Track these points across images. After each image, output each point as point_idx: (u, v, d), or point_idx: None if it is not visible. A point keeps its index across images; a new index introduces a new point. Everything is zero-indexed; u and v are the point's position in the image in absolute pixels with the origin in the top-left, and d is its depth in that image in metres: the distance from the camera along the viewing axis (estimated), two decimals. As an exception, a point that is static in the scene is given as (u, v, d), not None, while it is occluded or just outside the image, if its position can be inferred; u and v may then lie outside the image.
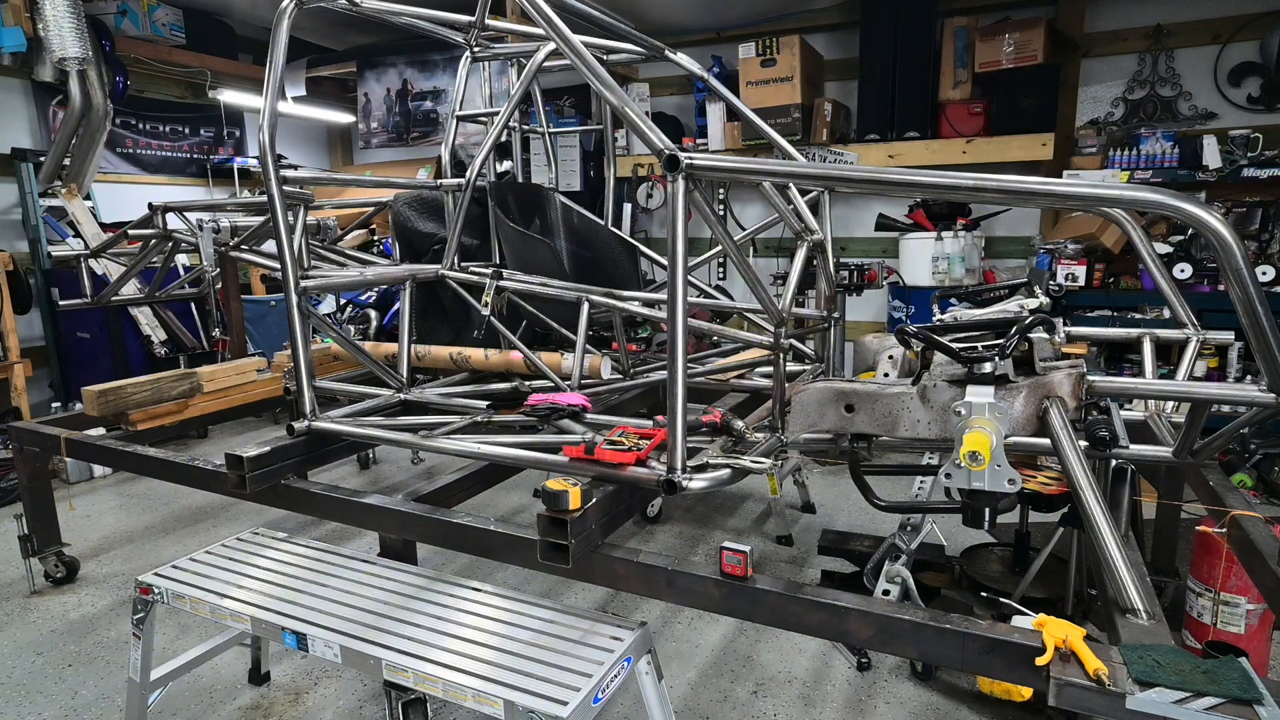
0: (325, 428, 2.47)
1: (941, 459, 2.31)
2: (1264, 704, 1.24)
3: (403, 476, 4.79)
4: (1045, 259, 4.47)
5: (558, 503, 1.82)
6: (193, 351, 5.53)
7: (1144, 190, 1.40)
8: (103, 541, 3.79)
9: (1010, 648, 1.46)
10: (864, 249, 5.62)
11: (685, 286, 1.76)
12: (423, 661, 1.70)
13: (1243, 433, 1.76)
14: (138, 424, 3.27)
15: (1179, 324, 2.53)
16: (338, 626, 1.86)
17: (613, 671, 1.65)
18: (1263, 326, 1.37)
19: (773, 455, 2.08)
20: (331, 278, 2.71)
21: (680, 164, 1.71)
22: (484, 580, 2.08)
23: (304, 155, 7.57)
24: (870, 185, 1.70)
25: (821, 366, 3.09)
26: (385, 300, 5.69)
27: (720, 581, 1.76)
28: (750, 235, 3.43)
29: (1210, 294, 4.05)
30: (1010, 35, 4.65)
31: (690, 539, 3.72)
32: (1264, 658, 2.44)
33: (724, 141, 5.53)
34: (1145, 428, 2.37)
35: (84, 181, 5.30)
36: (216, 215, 3.79)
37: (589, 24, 2.79)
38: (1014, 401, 1.77)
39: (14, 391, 4.74)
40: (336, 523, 2.84)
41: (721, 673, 2.62)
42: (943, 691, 2.48)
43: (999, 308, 2.45)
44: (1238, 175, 4.29)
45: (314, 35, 6.65)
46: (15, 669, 2.72)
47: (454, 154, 3.11)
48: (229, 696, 2.54)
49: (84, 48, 4.74)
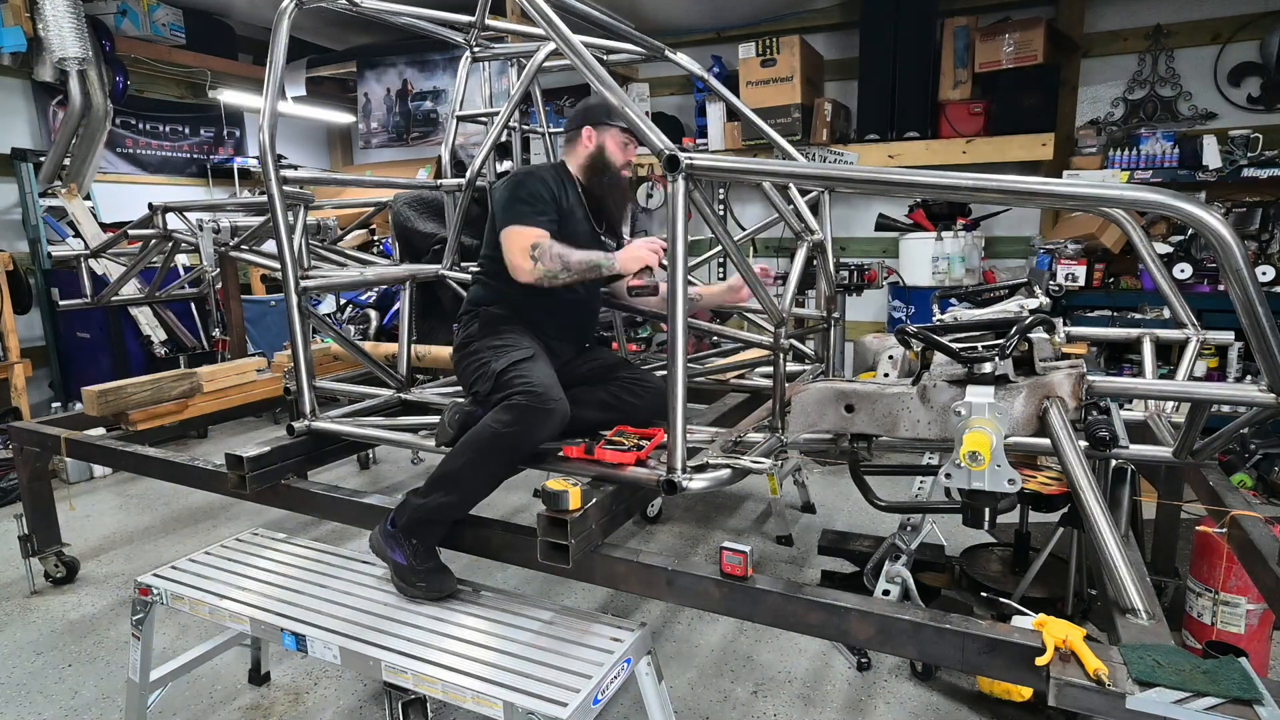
0: (325, 428, 2.47)
1: (941, 459, 2.31)
2: (1264, 704, 1.24)
3: (403, 476, 4.79)
4: (1045, 259, 4.47)
5: (558, 503, 1.82)
6: (193, 351, 5.53)
7: (1144, 190, 1.40)
8: (103, 541, 3.79)
9: (1010, 648, 1.46)
10: (864, 249, 5.62)
11: (685, 286, 1.77)
12: (422, 663, 1.70)
13: (1243, 433, 1.76)
14: (138, 424, 3.27)
15: (1179, 324, 2.53)
16: (337, 628, 1.86)
17: (612, 673, 1.65)
18: (1263, 326, 1.37)
19: (773, 455, 2.08)
20: (331, 278, 2.71)
21: (680, 164, 1.71)
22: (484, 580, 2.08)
23: (304, 155, 7.57)
24: (870, 185, 1.70)
25: (821, 366, 3.09)
26: (385, 300, 5.70)
27: (720, 581, 1.76)
28: (750, 235, 3.43)
29: (1210, 294, 4.05)
30: (1010, 35, 4.65)
31: (690, 539, 3.72)
32: (1264, 658, 2.44)
33: (724, 141, 5.53)
34: (1145, 428, 2.37)
35: (84, 181, 5.30)
36: (216, 215, 3.79)
37: (589, 24, 2.79)
38: (1014, 401, 1.77)
39: (14, 391, 4.74)
40: (336, 523, 2.84)
41: (721, 673, 2.62)
42: (943, 691, 2.48)
43: (999, 308, 2.45)
44: (1238, 175, 4.29)
45: (314, 35, 6.65)
46: (15, 669, 2.72)
47: (454, 154, 3.10)
48: (229, 697, 2.54)
49: (84, 48, 4.74)
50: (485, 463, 2.01)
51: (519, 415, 1.98)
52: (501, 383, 2.08)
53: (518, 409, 1.98)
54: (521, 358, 2.14)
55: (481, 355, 2.22)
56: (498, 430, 1.99)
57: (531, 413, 1.97)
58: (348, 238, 4.96)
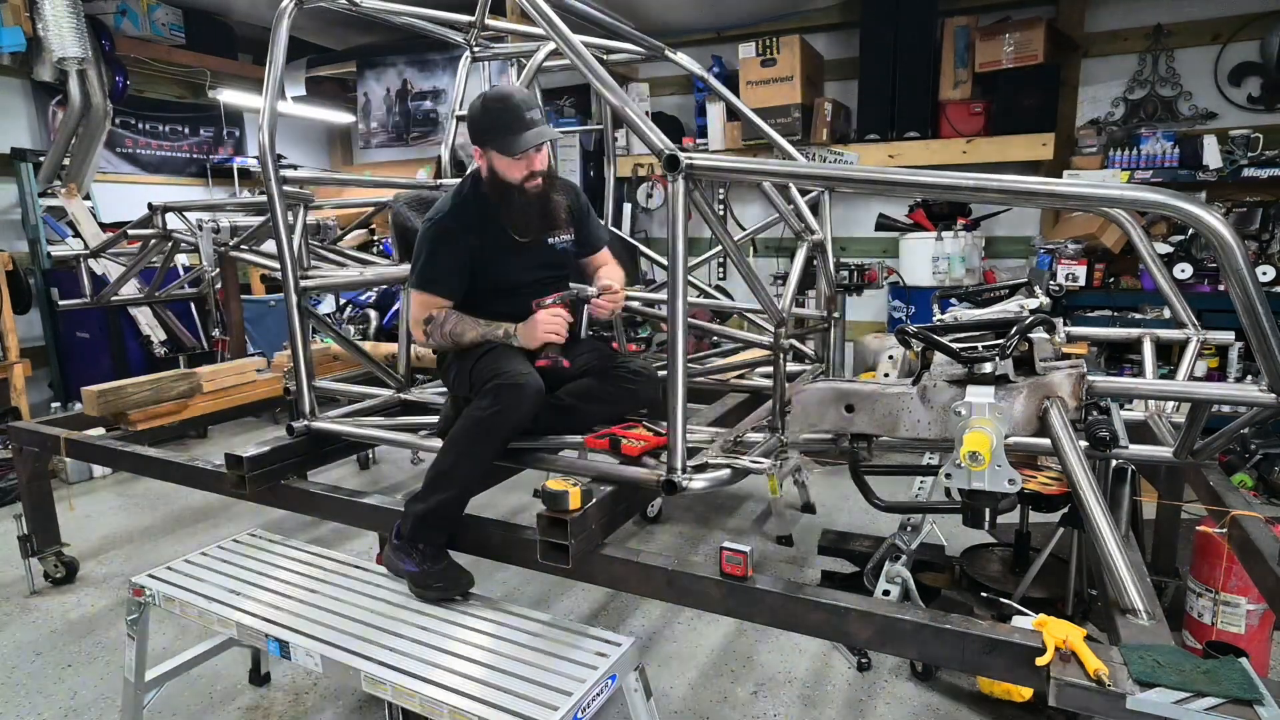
0: (325, 428, 2.47)
1: (941, 459, 2.30)
2: (1264, 704, 1.23)
3: (403, 476, 4.79)
4: (1045, 259, 4.47)
5: (558, 503, 1.82)
6: (192, 351, 5.53)
7: (1144, 190, 1.40)
8: (102, 541, 3.79)
9: (1010, 648, 1.46)
10: (864, 249, 5.62)
11: (685, 286, 1.76)
12: (402, 674, 1.68)
13: (1243, 433, 1.76)
14: (137, 424, 3.27)
15: (1179, 324, 2.53)
16: (323, 635, 1.85)
17: (595, 690, 1.62)
18: (1263, 326, 1.37)
19: (773, 455, 2.08)
20: (331, 278, 2.71)
21: (680, 164, 1.71)
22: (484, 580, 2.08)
23: (304, 155, 7.57)
24: (870, 185, 1.70)
25: (821, 366, 3.09)
26: (385, 300, 5.70)
27: (720, 581, 1.76)
28: (750, 235, 3.43)
29: (1210, 294, 4.05)
30: (1010, 35, 4.65)
31: (690, 539, 3.72)
32: (1264, 658, 2.44)
33: (724, 141, 5.52)
34: (1145, 428, 2.36)
35: (83, 181, 5.30)
36: (216, 215, 3.79)
37: (589, 24, 2.79)
38: (1014, 401, 1.77)
39: (14, 391, 4.74)
40: (336, 523, 2.84)
41: (721, 673, 2.62)
42: (943, 691, 2.48)
43: (999, 308, 2.45)
44: (1238, 175, 4.29)
45: (314, 35, 6.65)
46: (15, 669, 2.71)
47: (454, 154, 3.10)
48: (229, 697, 2.54)
49: (84, 48, 4.74)
50: (473, 450, 2.07)
51: (494, 396, 2.04)
52: (475, 379, 2.15)
53: (492, 391, 2.05)
54: (490, 351, 2.19)
55: (459, 363, 2.26)
56: (479, 416, 2.05)
57: (506, 390, 2.04)
58: (348, 238, 4.96)
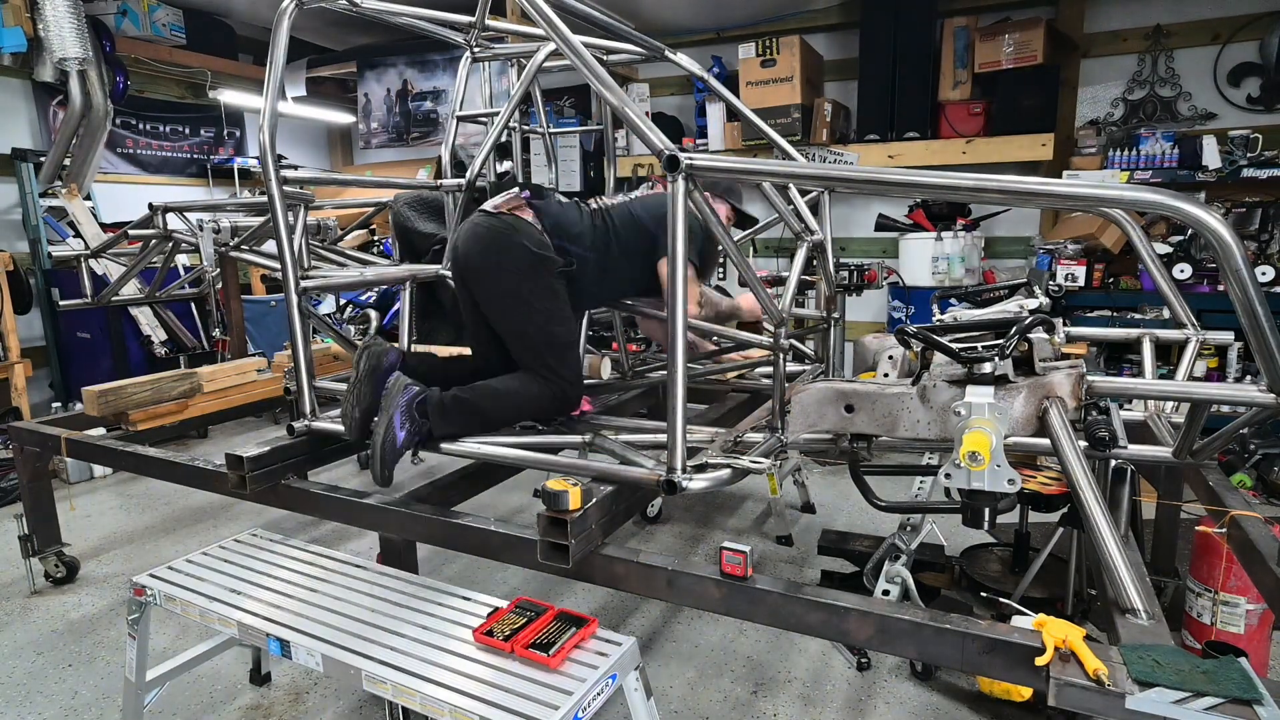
0: (325, 428, 2.47)
1: (941, 459, 2.31)
2: (1264, 704, 1.23)
3: (403, 477, 4.78)
4: (1045, 259, 4.48)
5: (558, 503, 1.82)
6: (193, 351, 5.53)
7: (1144, 190, 1.40)
8: (103, 541, 3.79)
9: (1010, 648, 1.46)
10: (864, 249, 5.62)
11: (685, 287, 1.77)
12: (402, 673, 1.68)
13: (1243, 433, 1.76)
14: (138, 424, 3.27)
15: (1179, 324, 2.53)
16: (323, 634, 1.84)
17: (594, 690, 1.61)
18: (1262, 327, 1.37)
19: (772, 455, 2.08)
20: (331, 278, 2.70)
21: (680, 164, 1.71)
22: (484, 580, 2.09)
23: (304, 155, 7.57)
24: (870, 185, 1.70)
25: (821, 366, 3.09)
26: (385, 300, 5.70)
27: (720, 581, 1.76)
28: (750, 235, 3.43)
29: (1210, 294, 4.05)
30: (1010, 35, 4.65)
31: (690, 539, 3.72)
32: (1264, 658, 2.44)
33: (724, 141, 5.52)
34: (1145, 428, 2.37)
35: (84, 182, 5.30)
36: (216, 215, 3.79)
37: (589, 24, 2.79)
38: (1014, 402, 1.77)
39: (14, 391, 4.74)
40: (336, 523, 2.84)
41: (721, 673, 2.62)
42: (943, 691, 2.48)
43: (999, 308, 2.46)
44: (1237, 175, 4.29)
45: (314, 35, 6.65)
46: (15, 669, 2.72)
47: (454, 154, 3.10)
48: (229, 697, 2.54)
49: (84, 48, 4.74)
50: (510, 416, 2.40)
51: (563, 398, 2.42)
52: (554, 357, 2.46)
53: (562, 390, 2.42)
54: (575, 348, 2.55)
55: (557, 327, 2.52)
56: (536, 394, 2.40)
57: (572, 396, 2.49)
58: (348, 238, 4.96)
